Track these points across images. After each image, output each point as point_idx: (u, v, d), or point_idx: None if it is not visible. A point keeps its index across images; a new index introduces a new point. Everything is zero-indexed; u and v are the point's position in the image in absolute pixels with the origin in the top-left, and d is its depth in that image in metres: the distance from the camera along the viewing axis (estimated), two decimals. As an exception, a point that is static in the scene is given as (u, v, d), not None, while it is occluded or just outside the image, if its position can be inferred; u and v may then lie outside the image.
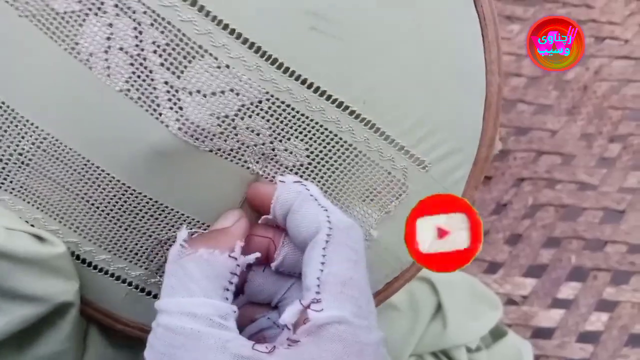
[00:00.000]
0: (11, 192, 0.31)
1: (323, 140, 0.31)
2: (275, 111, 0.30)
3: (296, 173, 0.32)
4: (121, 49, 0.28)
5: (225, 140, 0.30)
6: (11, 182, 0.31)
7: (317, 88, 0.30)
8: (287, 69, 0.30)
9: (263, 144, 0.31)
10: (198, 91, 0.29)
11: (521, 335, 0.52)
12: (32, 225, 0.31)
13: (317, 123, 0.31)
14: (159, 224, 0.32)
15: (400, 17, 0.31)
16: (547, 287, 0.55)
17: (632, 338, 0.54)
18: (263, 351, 0.24)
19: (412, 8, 0.32)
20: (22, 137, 0.30)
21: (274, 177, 0.31)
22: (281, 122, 0.30)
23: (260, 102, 0.30)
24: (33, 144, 0.30)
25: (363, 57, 0.31)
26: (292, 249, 0.29)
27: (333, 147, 0.31)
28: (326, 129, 0.31)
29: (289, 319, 0.24)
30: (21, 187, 0.31)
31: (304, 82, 0.30)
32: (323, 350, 0.23)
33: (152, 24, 0.28)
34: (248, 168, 0.31)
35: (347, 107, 0.31)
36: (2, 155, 0.30)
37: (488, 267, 0.56)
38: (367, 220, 0.33)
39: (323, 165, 0.32)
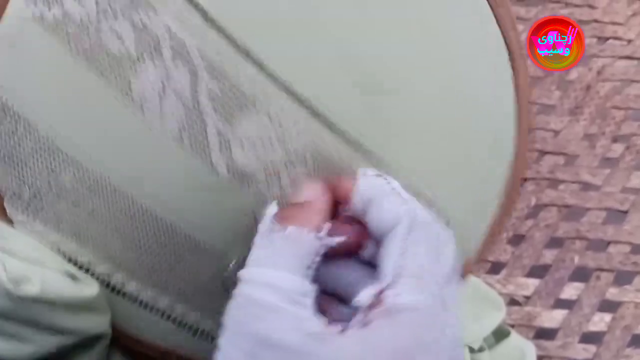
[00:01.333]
0: (46, 224, 0.31)
1: None
2: (319, 165, 0.31)
3: None
4: (175, 94, 0.29)
5: (270, 188, 0.30)
6: (47, 213, 0.30)
7: (360, 145, 0.31)
8: (334, 125, 0.30)
9: None
10: (247, 139, 0.30)
11: (524, 335, 0.51)
12: (65, 255, 0.31)
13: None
14: (201, 263, 0.32)
15: (445, 76, 0.33)
16: (550, 288, 0.55)
17: (635, 338, 0.54)
18: (336, 331, 0.24)
19: (456, 71, 0.33)
20: (64, 170, 0.30)
21: None
22: (324, 175, 0.31)
23: (305, 153, 0.30)
24: (75, 177, 0.30)
25: (408, 116, 0.32)
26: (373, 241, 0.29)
27: None
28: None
29: (365, 300, 0.25)
30: (57, 218, 0.31)
31: (348, 140, 0.31)
32: (397, 334, 0.23)
33: (207, 72, 0.29)
34: None
35: (388, 166, 0.32)
36: (40, 186, 0.30)
37: (491, 267, 0.56)
38: None
39: None
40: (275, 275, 0.25)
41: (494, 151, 0.34)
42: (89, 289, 0.30)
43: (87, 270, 0.31)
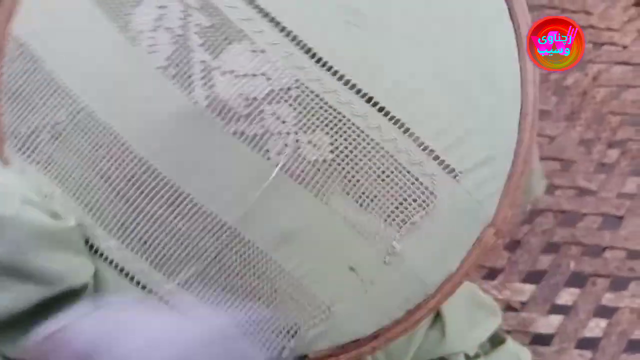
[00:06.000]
0: (37, 163, 0.32)
1: (349, 135, 0.30)
2: (303, 100, 0.30)
3: (318, 169, 0.30)
4: (168, 28, 0.31)
5: (250, 124, 0.30)
6: (39, 153, 0.32)
7: (348, 80, 0.30)
8: (320, 58, 0.30)
9: (287, 133, 0.30)
10: (231, 71, 0.30)
11: (520, 341, 0.51)
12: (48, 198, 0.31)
13: (344, 117, 0.30)
14: (172, 211, 0.31)
15: (435, 16, 0.32)
16: (546, 293, 0.55)
17: (630, 344, 0.54)
18: None
19: (447, 10, 0.33)
20: (61, 107, 0.31)
21: (294, 172, 0.30)
22: (308, 112, 0.30)
23: (289, 89, 0.30)
24: (70, 114, 0.31)
25: (395, 53, 0.31)
26: None
27: (359, 144, 0.30)
28: (353, 124, 0.30)
29: None
30: (47, 159, 0.32)
31: (334, 73, 0.30)
32: None
33: (199, 8, 0.30)
34: (269, 159, 0.30)
35: (376, 103, 0.30)
36: (38, 124, 0.31)
37: (487, 273, 0.56)
38: (388, 231, 0.32)
39: (347, 164, 0.31)
40: None
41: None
42: (67, 222, 0.30)
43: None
